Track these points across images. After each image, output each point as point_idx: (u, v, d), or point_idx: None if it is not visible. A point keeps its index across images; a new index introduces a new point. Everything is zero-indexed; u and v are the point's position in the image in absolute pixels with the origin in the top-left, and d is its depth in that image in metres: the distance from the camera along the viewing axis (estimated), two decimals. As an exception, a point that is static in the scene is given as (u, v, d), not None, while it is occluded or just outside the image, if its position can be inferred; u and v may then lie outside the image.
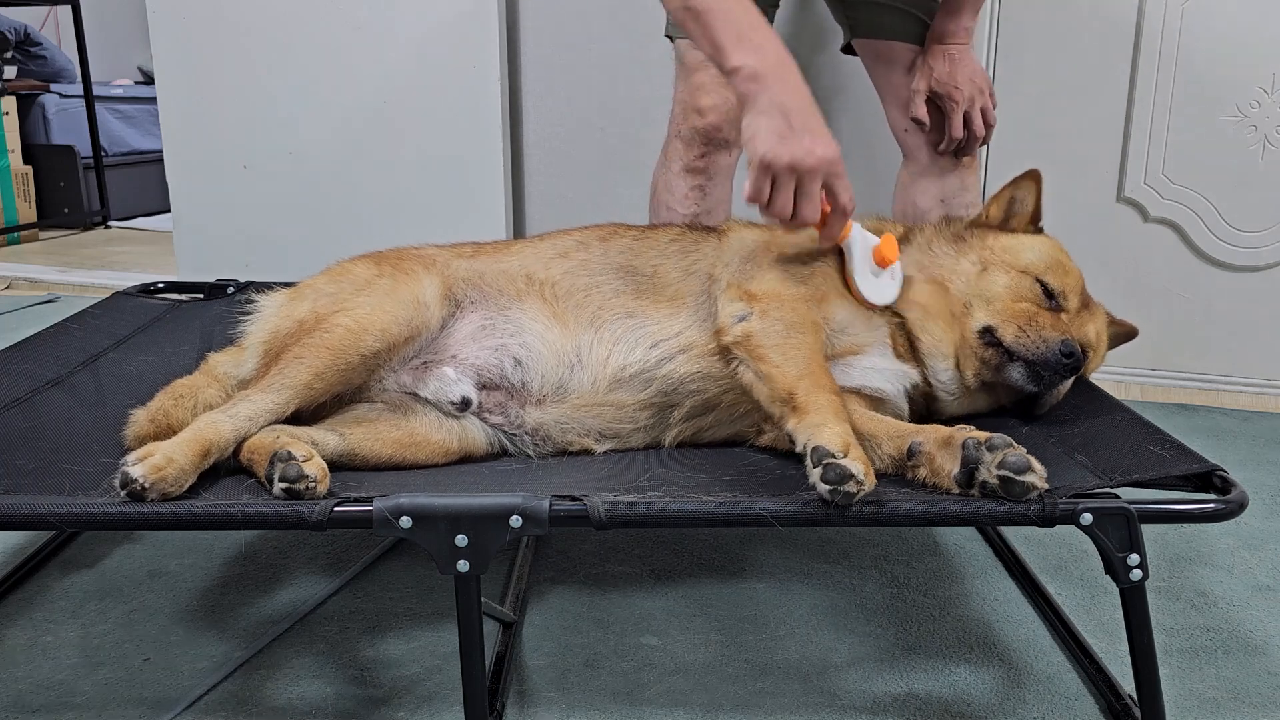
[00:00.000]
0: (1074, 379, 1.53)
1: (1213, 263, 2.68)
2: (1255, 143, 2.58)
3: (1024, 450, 1.20)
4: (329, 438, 1.40)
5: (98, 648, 1.51)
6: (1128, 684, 1.35)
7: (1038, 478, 1.18)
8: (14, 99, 5.07)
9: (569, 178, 3.19)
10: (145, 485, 1.18)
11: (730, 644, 1.55)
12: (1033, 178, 1.62)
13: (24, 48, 5.67)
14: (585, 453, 1.51)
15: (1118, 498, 1.22)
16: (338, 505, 1.18)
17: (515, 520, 1.17)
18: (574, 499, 1.20)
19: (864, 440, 1.37)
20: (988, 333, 1.49)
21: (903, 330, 1.53)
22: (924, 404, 1.54)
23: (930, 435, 1.30)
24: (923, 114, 2.04)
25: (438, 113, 3.14)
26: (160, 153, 3.56)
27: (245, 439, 1.33)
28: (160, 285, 2.37)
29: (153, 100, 4.25)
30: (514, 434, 1.50)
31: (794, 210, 1.42)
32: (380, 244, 1.69)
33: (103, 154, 5.43)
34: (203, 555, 1.78)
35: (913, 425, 1.38)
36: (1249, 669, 1.51)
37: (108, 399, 1.66)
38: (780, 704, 1.41)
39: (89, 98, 5.33)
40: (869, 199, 1.66)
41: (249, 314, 1.59)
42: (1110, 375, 2.71)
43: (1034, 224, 1.63)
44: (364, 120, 3.21)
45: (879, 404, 1.49)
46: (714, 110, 2.02)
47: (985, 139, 2.06)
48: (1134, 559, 1.20)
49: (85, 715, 1.36)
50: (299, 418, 1.42)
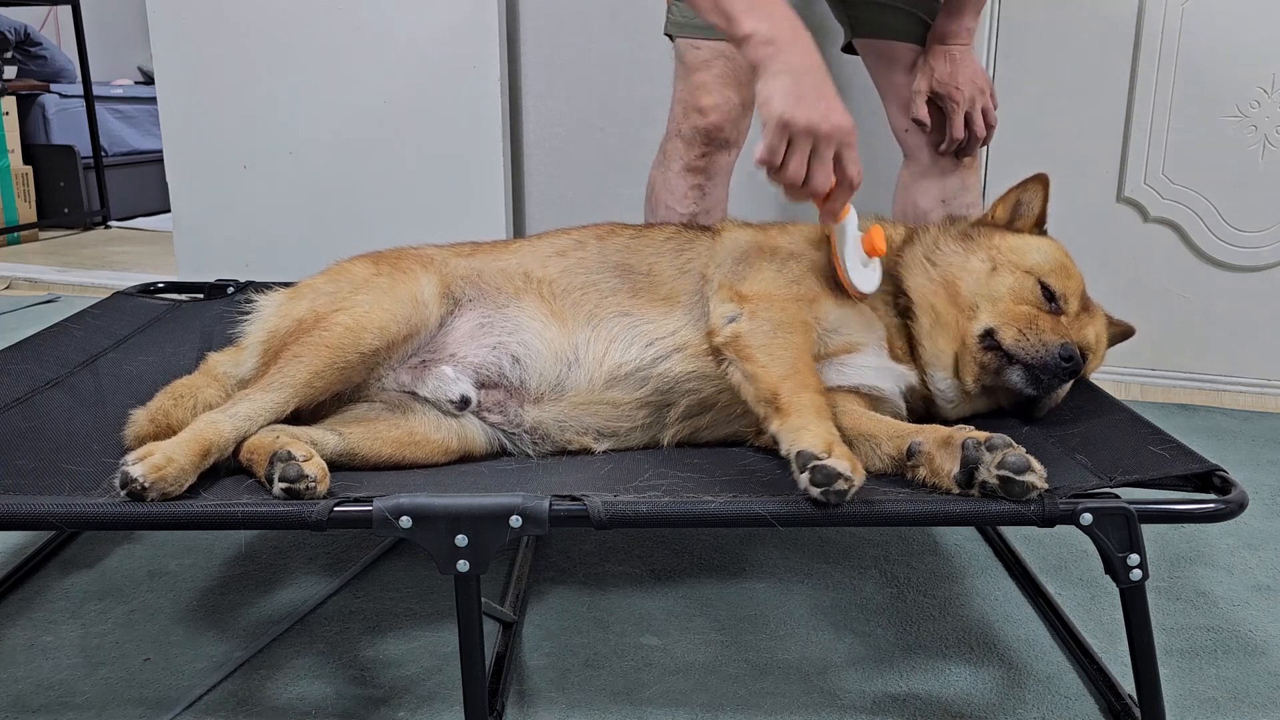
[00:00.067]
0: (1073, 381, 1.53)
1: (1213, 263, 2.68)
2: (1255, 143, 2.58)
3: (1024, 450, 1.20)
4: (328, 437, 1.40)
5: (98, 648, 1.51)
6: (1128, 684, 1.35)
7: (1037, 478, 1.18)
8: (14, 99, 5.07)
9: (569, 178, 3.19)
10: (145, 485, 1.18)
11: (730, 644, 1.55)
12: (1040, 181, 1.62)
13: (24, 48, 5.66)
14: (584, 451, 1.51)
15: (1118, 498, 1.22)
16: (338, 505, 1.18)
17: (515, 520, 1.17)
18: (574, 499, 1.19)
19: (863, 440, 1.38)
20: (988, 335, 1.49)
21: (902, 333, 1.52)
22: (923, 407, 1.54)
23: (930, 435, 1.30)
24: (924, 114, 2.03)
25: (438, 113, 3.14)
26: (160, 153, 3.56)
27: (245, 438, 1.33)
28: (160, 285, 2.37)
29: (153, 100, 4.25)
30: (513, 433, 1.51)
31: (805, 177, 1.38)
32: (380, 244, 1.69)
33: (103, 154, 5.43)
34: (203, 555, 1.78)
35: (912, 425, 1.38)
36: (1249, 669, 1.51)
37: (108, 399, 1.66)
38: (780, 704, 1.41)
39: (89, 98, 5.32)
40: (869, 199, 1.66)
41: (248, 314, 1.59)
42: (1110, 375, 2.71)
43: (1039, 227, 1.63)
44: (364, 120, 3.21)
45: (878, 403, 1.48)
46: (715, 110, 2.02)
47: (986, 139, 2.06)
48: (1134, 559, 1.20)
49: (85, 715, 1.36)
50: (298, 417, 1.42)
